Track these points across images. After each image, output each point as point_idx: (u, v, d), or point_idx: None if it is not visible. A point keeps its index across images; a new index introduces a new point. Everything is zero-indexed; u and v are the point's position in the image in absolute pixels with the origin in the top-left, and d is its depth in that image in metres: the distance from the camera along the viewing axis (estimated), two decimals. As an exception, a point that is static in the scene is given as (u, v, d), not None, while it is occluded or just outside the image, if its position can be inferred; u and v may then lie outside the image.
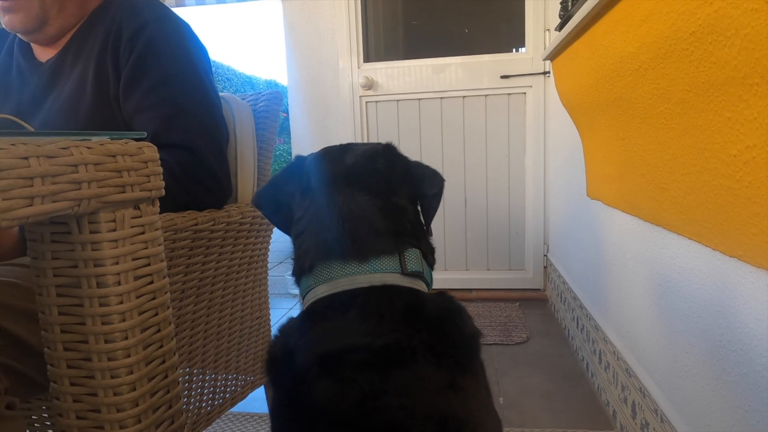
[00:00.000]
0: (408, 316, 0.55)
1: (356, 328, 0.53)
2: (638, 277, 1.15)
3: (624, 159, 1.09)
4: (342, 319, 0.54)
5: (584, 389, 1.53)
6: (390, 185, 0.66)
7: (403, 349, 0.51)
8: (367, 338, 0.52)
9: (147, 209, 0.53)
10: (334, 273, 0.58)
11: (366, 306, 0.55)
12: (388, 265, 0.59)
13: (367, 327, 0.53)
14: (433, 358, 0.52)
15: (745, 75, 0.59)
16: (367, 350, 0.51)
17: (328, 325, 0.55)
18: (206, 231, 0.87)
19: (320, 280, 0.59)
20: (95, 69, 0.86)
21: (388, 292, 0.57)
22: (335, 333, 0.53)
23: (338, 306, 0.56)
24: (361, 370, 0.49)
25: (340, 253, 0.59)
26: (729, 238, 0.70)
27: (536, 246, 2.45)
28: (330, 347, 0.52)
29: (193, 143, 0.85)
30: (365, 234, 0.60)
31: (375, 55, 2.54)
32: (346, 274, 0.58)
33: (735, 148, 0.64)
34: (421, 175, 0.70)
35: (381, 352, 0.51)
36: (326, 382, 0.49)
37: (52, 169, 0.41)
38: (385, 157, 0.69)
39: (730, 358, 0.76)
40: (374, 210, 0.62)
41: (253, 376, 1.15)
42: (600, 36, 1.05)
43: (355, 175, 0.65)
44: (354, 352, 0.51)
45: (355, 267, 0.58)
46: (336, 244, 0.60)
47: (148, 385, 0.53)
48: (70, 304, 0.49)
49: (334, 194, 0.63)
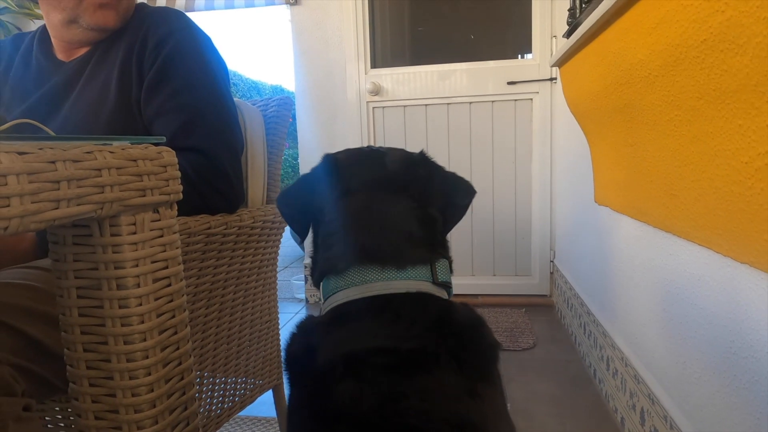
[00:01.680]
0: (437, 323, 0.56)
1: (386, 331, 0.54)
2: (646, 284, 1.15)
3: (633, 165, 1.10)
4: (373, 322, 0.56)
5: (592, 396, 1.52)
6: (428, 195, 0.67)
7: (428, 355, 0.52)
8: (396, 341, 0.53)
9: (165, 213, 0.54)
10: (369, 277, 0.59)
11: (400, 311, 0.56)
12: (422, 274, 0.61)
13: (397, 331, 0.54)
14: (455, 364, 0.53)
15: (757, 83, 0.59)
16: (393, 353, 0.51)
17: (358, 326, 0.56)
18: (219, 235, 0.87)
19: (353, 282, 0.60)
20: (119, 74, 0.88)
21: (423, 299, 0.58)
22: (365, 334, 0.54)
23: (371, 308, 0.57)
24: (385, 372, 0.50)
25: (379, 258, 0.60)
26: (740, 245, 0.71)
27: (542, 252, 2.45)
28: (358, 347, 0.53)
29: (209, 148, 0.86)
30: (405, 243, 0.62)
31: (382, 61, 2.55)
32: (383, 279, 0.59)
33: (747, 155, 0.65)
34: (456, 186, 0.72)
35: (407, 356, 0.51)
36: (349, 383, 0.50)
37: (77, 173, 0.42)
38: (424, 166, 0.70)
39: (741, 365, 0.75)
40: (414, 220, 0.64)
41: (262, 380, 1.15)
42: (609, 43, 1.06)
43: (397, 182, 0.66)
44: (381, 354, 0.51)
45: (393, 273, 0.59)
46: (375, 250, 0.61)
47: (165, 387, 0.53)
48: (90, 306, 0.50)
49: (377, 200, 0.65)
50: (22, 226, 0.37)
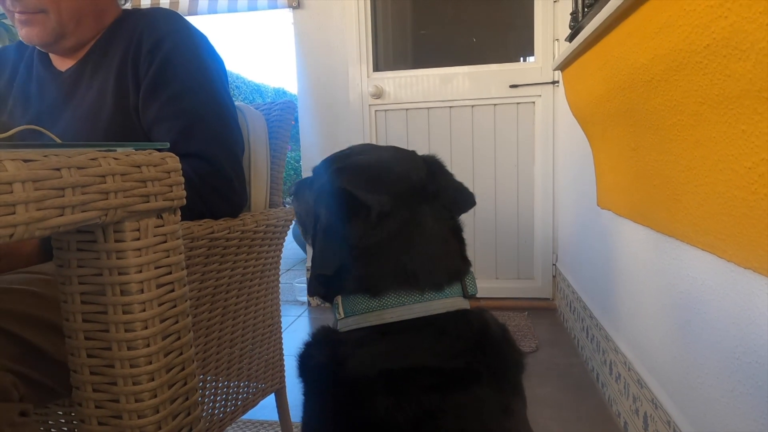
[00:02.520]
0: (479, 340, 0.55)
1: (428, 349, 0.53)
2: (650, 288, 1.15)
3: (636, 169, 1.10)
4: (414, 338, 0.54)
5: (594, 400, 1.52)
6: (453, 203, 0.65)
7: (471, 374, 0.52)
8: (439, 360, 0.52)
9: (169, 218, 0.54)
10: (408, 300, 0.57)
11: (443, 328, 0.55)
12: (456, 291, 0.60)
13: (440, 349, 0.53)
14: (495, 381, 0.52)
15: (761, 88, 0.59)
16: (437, 374, 0.51)
17: (398, 342, 0.55)
18: (222, 239, 0.88)
19: (389, 305, 0.57)
20: (115, 80, 0.88)
21: (462, 317, 0.58)
22: (405, 350, 0.53)
23: (411, 327, 0.55)
24: (427, 392, 0.49)
25: (420, 282, 0.57)
26: (744, 250, 0.70)
27: (545, 255, 2.45)
28: (397, 365, 0.52)
29: (211, 153, 0.86)
30: (443, 261, 0.60)
31: (384, 65, 2.56)
32: (423, 301, 0.57)
33: (750, 161, 0.65)
34: (464, 196, 0.70)
35: (450, 376, 0.51)
36: (386, 397, 0.49)
37: (82, 179, 0.42)
38: (442, 174, 0.68)
39: (745, 370, 0.75)
40: (449, 232, 0.62)
41: (265, 383, 1.15)
42: (612, 47, 1.06)
43: (428, 193, 0.63)
44: (424, 374, 0.51)
45: (432, 295, 0.57)
46: (417, 272, 0.58)
47: (169, 392, 0.53)
48: (94, 311, 0.50)
49: (414, 215, 0.60)
50: (28, 233, 0.38)
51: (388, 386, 0.50)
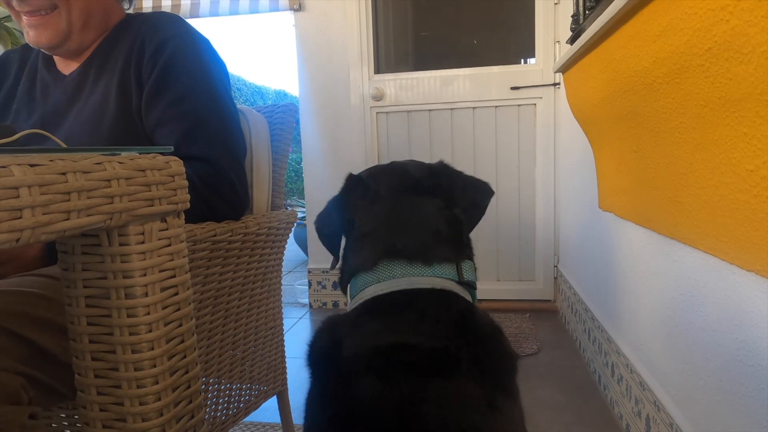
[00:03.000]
0: (460, 325, 0.57)
1: (411, 327, 0.56)
2: (652, 290, 1.15)
3: (637, 172, 1.10)
4: (399, 317, 0.57)
5: (597, 402, 1.52)
6: (452, 197, 0.71)
7: (449, 357, 0.53)
8: (419, 338, 0.54)
9: (173, 222, 0.54)
10: (396, 272, 0.61)
11: (425, 308, 0.58)
12: (448, 272, 0.63)
13: (422, 328, 0.56)
14: (477, 373, 0.53)
15: (762, 91, 0.59)
16: (416, 351, 0.53)
17: (385, 321, 0.57)
18: (224, 242, 0.88)
19: (381, 277, 0.62)
20: (118, 83, 0.88)
21: (446, 298, 0.60)
22: (390, 329, 0.56)
23: (397, 304, 0.59)
24: (406, 371, 0.51)
25: (406, 254, 0.62)
26: (746, 252, 0.70)
27: (546, 257, 2.45)
28: (382, 342, 0.54)
29: (213, 156, 0.87)
30: (432, 240, 0.64)
31: (385, 67, 2.56)
32: (409, 275, 0.61)
33: (752, 163, 0.65)
34: (477, 187, 0.75)
35: (429, 355, 0.52)
36: (371, 380, 0.51)
37: (87, 184, 0.42)
38: (446, 172, 0.74)
39: (747, 373, 0.75)
40: (441, 219, 0.67)
41: (267, 386, 1.15)
42: (613, 50, 1.06)
43: (422, 186, 0.70)
44: (404, 350, 0.53)
45: (419, 269, 0.61)
46: (403, 247, 0.63)
47: (173, 395, 0.54)
48: (98, 315, 0.50)
49: (405, 203, 0.68)
50: (34, 238, 0.38)
51: (370, 367, 0.52)
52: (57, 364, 0.64)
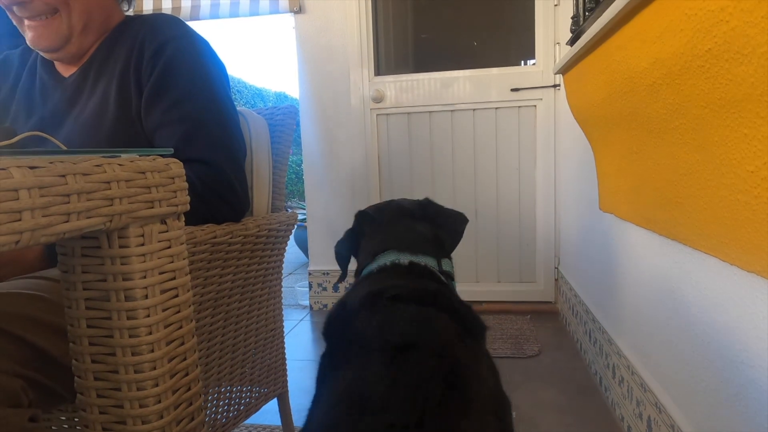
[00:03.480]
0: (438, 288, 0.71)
1: (397, 279, 0.72)
2: (652, 291, 1.15)
3: (638, 173, 1.10)
4: (387, 275, 0.75)
5: (598, 404, 1.51)
6: (436, 223, 0.91)
7: (428, 294, 0.67)
8: (403, 282, 0.70)
9: (173, 224, 0.54)
10: (389, 258, 0.79)
11: (409, 270, 0.76)
12: (430, 260, 0.80)
13: (406, 278, 0.72)
14: (452, 311, 0.65)
15: (763, 92, 0.59)
16: (400, 288, 0.67)
17: (375, 278, 0.75)
18: (224, 244, 0.88)
19: (378, 262, 0.80)
20: (118, 85, 0.88)
21: (427, 268, 0.78)
22: (379, 281, 0.72)
23: (385, 269, 0.77)
24: (391, 301, 0.64)
25: (397, 247, 0.81)
26: (747, 253, 0.70)
27: (547, 258, 2.44)
28: (373, 288, 0.68)
29: (213, 158, 0.87)
30: (418, 241, 0.84)
31: (386, 69, 2.57)
32: (401, 257, 0.79)
33: (752, 164, 0.65)
34: (454, 217, 0.97)
35: (410, 291, 0.66)
36: (363, 313, 0.63)
37: (87, 186, 0.42)
38: (431, 205, 0.97)
39: (749, 375, 0.75)
40: (428, 233, 0.87)
41: (267, 388, 1.15)
42: (613, 51, 1.06)
43: (414, 213, 0.93)
44: (390, 289, 0.67)
45: (408, 255, 0.79)
46: (396, 244, 0.82)
47: (173, 398, 0.53)
48: (98, 317, 0.50)
49: (400, 223, 0.90)
50: (33, 240, 0.38)
51: (364, 304, 0.65)
52: (57, 366, 0.64)
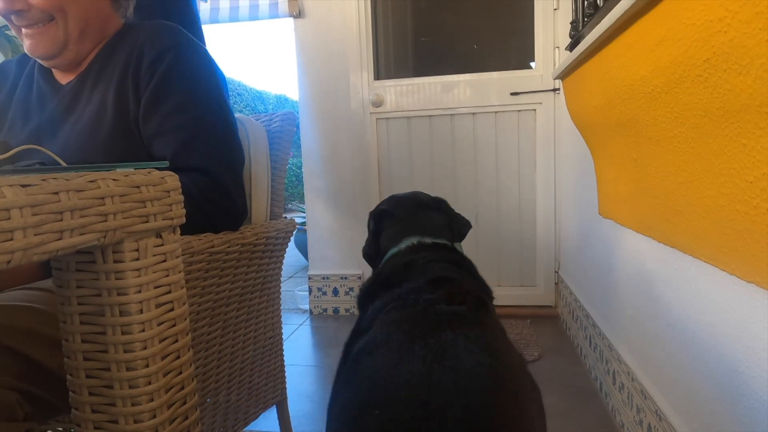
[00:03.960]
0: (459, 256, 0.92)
1: (427, 259, 0.85)
2: (653, 298, 1.14)
3: (637, 180, 1.09)
4: (421, 253, 0.89)
5: (598, 410, 1.51)
6: (448, 218, 1.05)
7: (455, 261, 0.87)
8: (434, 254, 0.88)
9: (169, 237, 0.54)
10: (413, 239, 0.94)
11: (432, 247, 0.93)
12: (446, 242, 0.96)
13: (433, 252, 0.89)
14: (469, 275, 0.87)
15: (761, 103, 0.59)
16: (434, 256, 0.86)
17: (408, 252, 0.91)
18: (221, 253, 0.87)
19: (402, 245, 0.94)
20: (116, 93, 0.88)
21: (448, 245, 0.96)
22: (413, 254, 0.89)
23: (412, 247, 0.92)
24: (428, 263, 0.83)
25: (420, 233, 0.96)
26: (746, 264, 0.70)
27: (547, 262, 2.44)
28: (409, 258, 0.86)
29: (211, 166, 0.86)
30: (436, 227, 0.99)
31: (385, 73, 2.57)
32: (426, 242, 0.94)
33: (751, 175, 0.64)
34: (462, 221, 1.09)
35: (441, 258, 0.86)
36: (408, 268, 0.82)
37: (80, 202, 0.42)
38: (446, 205, 1.09)
39: (750, 384, 0.75)
40: (443, 221, 1.03)
41: (266, 396, 1.15)
42: (612, 58, 1.06)
43: (431, 205, 1.07)
44: (424, 257, 0.85)
45: (429, 238, 0.95)
46: (419, 230, 0.97)
47: (168, 412, 0.53)
48: (93, 332, 0.50)
49: (419, 212, 1.04)
50: (25, 259, 0.38)
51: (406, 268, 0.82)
52: (53, 378, 0.64)
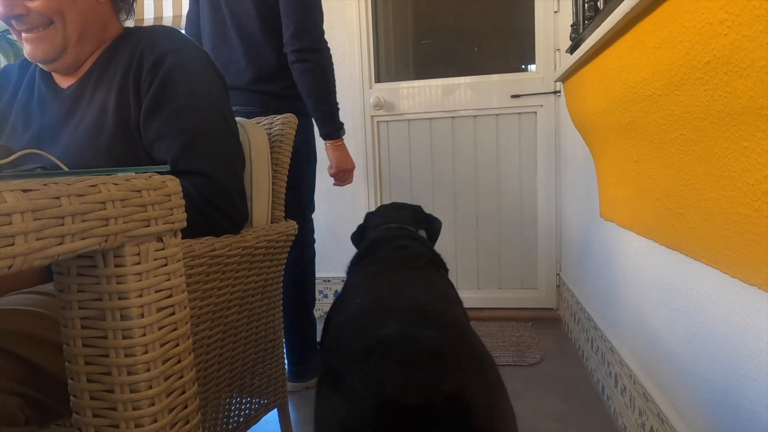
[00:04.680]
0: (413, 234, 1.24)
1: (392, 234, 1.18)
2: (654, 301, 1.14)
3: (638, 182, 1.09)
4: (388, 232, 1.21)
5: (600, 413, 1.50)
6: (417, 215, 1.42)
7: (412, 237, 1.19)
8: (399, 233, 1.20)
9: (170, 241, 0.54)
10: (383, 226, 1.27)
11: (399, 231, 1.22)
12: (412, 228, 1.28)
13: (398, 234, 1.19)
14: (425, 248, 1.14)
15: (762, 106, 0.59)
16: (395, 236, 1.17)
17: (381, 233, 1.21)
18: (222, 257, 0.87)
19: (380, 228, 1.27)
20: (116, 97, 0.88)
21: (409, 229, 1.26)
22: (384, 234, 1.19)
23: (387, 229, 1.24)
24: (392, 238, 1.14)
25: (389, 221, 1.29)
26: (748, 267, 0.70)
27: (548, 264, 2.44)
28: (380, 236, 1.17)
29: (211, 170, 0.86)
30: (405, 219, 1.33)
31: (386, 76, 2.57)
32: (393, 227, 1.26)
33: (753, 177, 0.64)
34: (434, 221, 1.48)
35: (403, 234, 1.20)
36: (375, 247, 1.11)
37: (81, 207, 0.42)
38: (421, 210, 1.49)
39: (751, 387, 0.74)
40: (410, 214, 1.39)
41: (267, 399, 1.15)
42: (612, 60, 1.06)
43: (404, 208, 1.44)
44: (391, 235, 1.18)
45: (398, 225, 1.27)
46: (389, 220, 1.30)
47: (169, 416, 0.53)
48: (94, 336, 0.50)
49: (394, 210, 1.40)
50: (26, 264, 0.38)
51: (376, 242, 1.13)
52: (55, 382, 0.64)
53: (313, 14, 1.49)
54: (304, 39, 1.47)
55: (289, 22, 1.47)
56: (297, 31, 1.46)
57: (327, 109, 1.56)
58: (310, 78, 1.50)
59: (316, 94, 1.52)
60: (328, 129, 1.59)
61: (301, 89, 1.53)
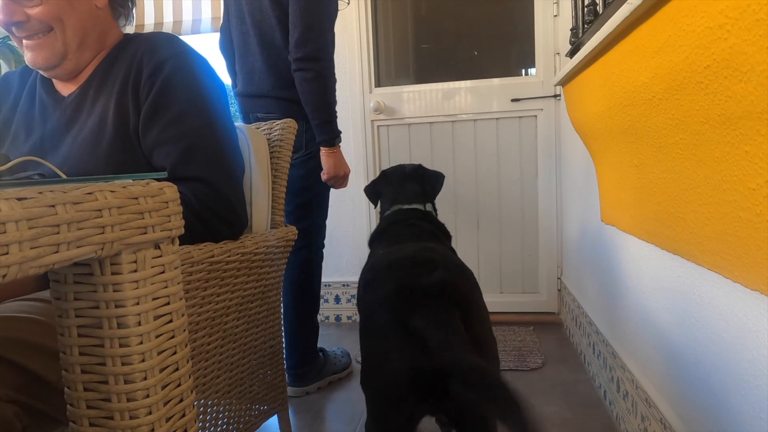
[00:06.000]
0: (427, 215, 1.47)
1: (406, 215, 1.42)
2: (656, 305, 1.13)
3: (639, 186, 1.09)
4: (401, 215, 1.43)
5: (602, 418, 1.49)
6: (423, 181, 1.58)
7: (422, 214, 1.45)
8: (410, 215, 1.43)
9: (167, 248, 0.53)
10: (398, 206, 1.49)
11: (411, 212, 1.45)
12: (420, 205, 1.49)
13: (411, 215, 1.43)
14: (435, 227, 1.39)
15: (762, 110, 0.58)
16: (410, 218, 1.41)
17: (395, 214, 1.46)
18: (221, 263, 0.87)
19: (393, 209, 1.49)
20: (116, 104, 0.88)
21: (419, 209, 1.47)
22: (398, 216, 1.43)
23: (400, 210, 1.47)
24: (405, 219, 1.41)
25: (402, 201, 1.50)
26: (750, 272, 0.69)
27: (550, 268, 2.43)
28: (395, 218, 1.43)
29: (210, 176, 0.86)
30: (414, 197, 1.51)
31: (386, 80, 2.57)
32: (404, 208, 1.47)
33: (754, 182, 0.64)
34: (436, 176, 1.63)
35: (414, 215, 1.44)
36: (391, 227, 1.37)
37: (77, 215, 0.42)
38: (421, 168, 1.63)
39: (754, 393, 0.74)
40: (418, 189, 1.54)
41: (267, 405, 1.14)
42: (612, 64, 1.06)
43: (410, 175, 1.59)
44: (403, 215, 1.43)
45: (409, 205, 1.48)
46: (402, 200, 1.51)
47: (166, 425, 0.53)
48: (91, 345, 0.49)
49: (402, 183, 1.57)
50: (21, 273, 0.37)
51: (391, 223, 1.40)
52: (52, 390, 0.63)
53: (320, 22, 1.49)
54: (306, 47, 1.47)
55: (294, 29, 1.48)
56: (300, 39, 1.47)
57: (325, 118, 1.56)
58: (309, 87, 1.51)
59: (314, 103, 1.53)
60: (325, 137, 1.59)
61: (301, 96, 1.54)
